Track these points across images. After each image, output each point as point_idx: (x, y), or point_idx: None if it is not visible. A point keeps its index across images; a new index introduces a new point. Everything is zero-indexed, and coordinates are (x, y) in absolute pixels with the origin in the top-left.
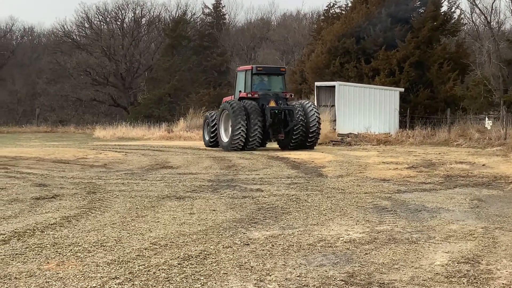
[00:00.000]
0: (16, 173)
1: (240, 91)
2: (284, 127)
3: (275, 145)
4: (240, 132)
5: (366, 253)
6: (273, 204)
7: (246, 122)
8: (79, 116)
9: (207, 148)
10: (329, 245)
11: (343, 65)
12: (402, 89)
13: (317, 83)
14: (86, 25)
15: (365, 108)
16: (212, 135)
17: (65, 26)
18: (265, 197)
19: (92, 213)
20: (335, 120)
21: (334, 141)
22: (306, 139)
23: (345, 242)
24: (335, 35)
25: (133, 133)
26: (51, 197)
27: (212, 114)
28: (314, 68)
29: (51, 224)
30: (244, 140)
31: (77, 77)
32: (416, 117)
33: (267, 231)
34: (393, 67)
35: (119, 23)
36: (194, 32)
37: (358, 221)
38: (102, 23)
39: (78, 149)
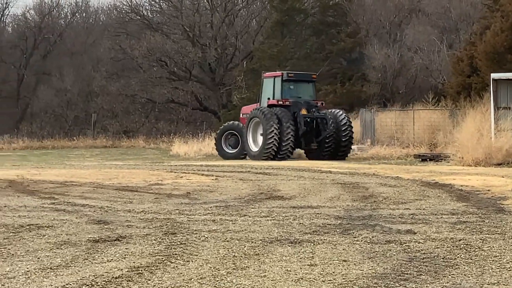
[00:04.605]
0: (67, 205)
1: (268, 98)
2: (316, 136)
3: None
4: (273, 141)
5: None
6: (431, 253)
7: (279, 129)
8: (150, 125)
9: (331, 171)
10: None
11: None
12: None
13: (494, 75)
14: None
15: None
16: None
17: None
18: (419, 243)
19: (171, 262)
20: None
21: None
22: (338, 149)
23: None
24: None
25: None
26: (115, 240)
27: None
28: (490, 53)
29: (115, 278)
30: (276, 149)
31: (148, 70)
32: None
33: None
34: None
35: None
36: (313, 3)
37: None
38: None
39: (151, 171)
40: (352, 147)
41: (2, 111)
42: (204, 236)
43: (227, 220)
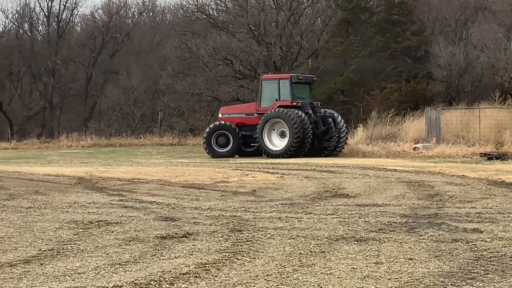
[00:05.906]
0: (134, 202)
1: (276, 99)
2: (323, 135)
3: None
4: (299, 140)
5: None
6: (498, 252)
7: (302, 128)
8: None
9: (396, 169)
10: None
11: None
12: None
13: None
14: None
15: None
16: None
17: None
18: (486, 241)
19: (238, 259)
20: None
21: None
22: (336, 147)
23: None
24: None
25: None
26: (182, 236)
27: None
28: None
29: (183, 274)
30: (300, 146)
31: (214, 68)
32: None
33: None
34: None
35: None
36: (378, 1)
37: None
38: None
39: (216, 168)
40: (417, 145)
41: (71, 109)
42: (270, 233)
43: (293, 217)
